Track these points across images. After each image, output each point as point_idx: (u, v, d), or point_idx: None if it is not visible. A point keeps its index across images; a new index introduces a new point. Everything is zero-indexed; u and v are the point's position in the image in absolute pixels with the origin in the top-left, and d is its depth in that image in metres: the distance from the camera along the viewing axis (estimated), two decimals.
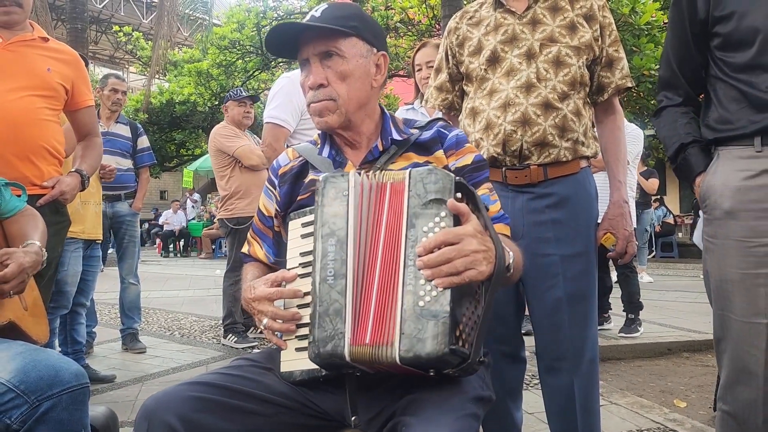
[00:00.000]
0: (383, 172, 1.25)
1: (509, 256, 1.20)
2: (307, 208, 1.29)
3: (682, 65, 1.63)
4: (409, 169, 1.17)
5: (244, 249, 1.54)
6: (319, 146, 1.45)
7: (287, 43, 1.37)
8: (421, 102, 3.26)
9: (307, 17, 1.35)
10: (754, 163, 1.42)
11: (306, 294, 1.20)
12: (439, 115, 2.18)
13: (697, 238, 1.94)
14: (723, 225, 1.47)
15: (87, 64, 3.01)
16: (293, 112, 2.80)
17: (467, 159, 1.41)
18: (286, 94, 2.81)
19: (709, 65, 1.57)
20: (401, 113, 3.30)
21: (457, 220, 1.11)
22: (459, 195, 1.13)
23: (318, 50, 1.33)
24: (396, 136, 1.40)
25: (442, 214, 1.10)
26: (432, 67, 3.07)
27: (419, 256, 1.07)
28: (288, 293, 1.22)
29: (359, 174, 1.21)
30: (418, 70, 3.16)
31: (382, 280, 1.12)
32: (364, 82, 1.37)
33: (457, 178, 1.14)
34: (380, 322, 1.10)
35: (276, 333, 1.24)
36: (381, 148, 1.39)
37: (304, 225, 1.26)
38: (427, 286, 1.07)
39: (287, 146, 2.98)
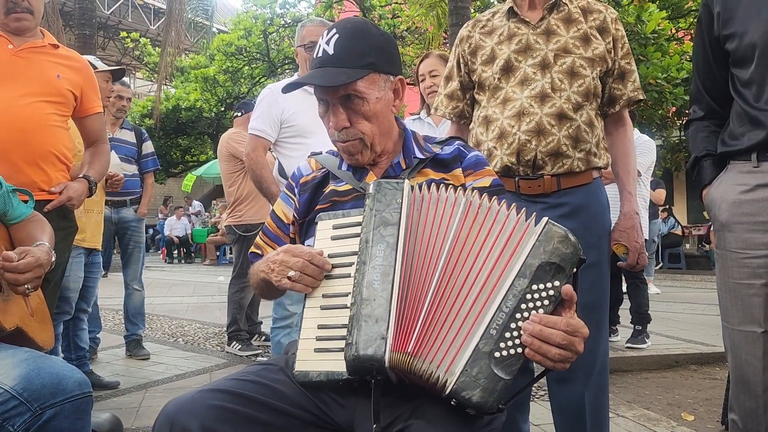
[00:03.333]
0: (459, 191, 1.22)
1: None
2: (340, 211, 1.29)
3: (705, 81, 1.67)
4: (547, 217, 1.15)
5: (255, 251, 1.52)
6: (339, 158, 1.45)
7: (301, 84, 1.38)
8: (427, 112, 3.25)
9: (320, 51, 1.32)
10: (751, 178, 1.47)
11: (331, 296, 1.19)
12: (448, 123, 2.18)
13: None
14: (721, 236, 1.53)
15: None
16: (272, 123, 2.80)
17: (485, 181, 1.40)
18: (266, 105, 2.81)
19: (729, 81, 1.60)
20: (407, 123, 3.29)
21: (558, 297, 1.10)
22: (574, 270, 1.12)
23: (338, 95, 1.32)
24: (419, 154, 1.41)
25: (556, 283, 1.09)
26: (435, 76, 3.08)
27: (532, 321, 1.06)
28: (320, 260, 1.20)
29: (413, 187, 1.21)
30: (422, 80, 3.16)
31: (439, 296, 1.11)
32: (387, 114, 1.38)
33: (583, 254, 1.13)
34: (432, 337, 1.09)
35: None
36: (404, 166, 1.40)
37: (336, 227, 1.25)
38: (510, 342, 1.06)
39: (275, 156, 2.98)
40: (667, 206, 11.85)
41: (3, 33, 2.16)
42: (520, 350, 1.06)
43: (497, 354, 1.05)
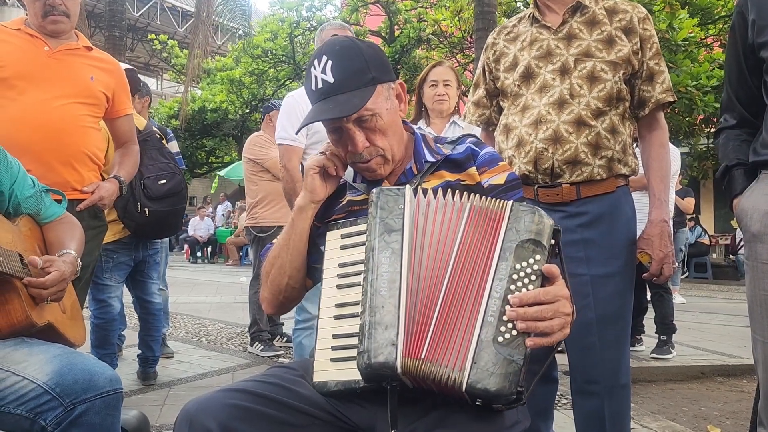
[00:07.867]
0: (466, 195, 1.22)
1: None
2: (347, 220, 1.30)
3: (737, 89, 1.64)
4: (511, 201, 1.18)
5: None
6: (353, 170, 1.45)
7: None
8: (427, 123, 3.19)
9: (318, 82, 1.30)
10: None
11: (344, 305, 1.20)
12: (479, 130, 2.17)
13: None
14: (752, 247, 1.49)
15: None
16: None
17: (501, 178, 1.39)
18: (290, 112, 2.83)
19: (762, 89, 1.56)
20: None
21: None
22: (552, 242, 1.13)
23: (351, 119, 1.31)
24: (429, 157, 1.40)
25: (537, 257, 1.10)
26: (448, 86, 3.08)
27: (513, 306, 1.07)
28: None
29: (415, 190, 1.22)
30: (433, 85, 3.11)
31: (448, 299, 1.12)
32: (398, 122, 1.38)
33: (556, 225, 1.15)
34: (444, 341, 1.10)
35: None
36: (415, 171, 1.40)
37: (344, 236, 1.27)
38: (509, 324, 1.07)
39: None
40: (694, 215, 11.65)
41: (39, 35, 2.22)
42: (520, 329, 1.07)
43: (500, 339, 1.06)
